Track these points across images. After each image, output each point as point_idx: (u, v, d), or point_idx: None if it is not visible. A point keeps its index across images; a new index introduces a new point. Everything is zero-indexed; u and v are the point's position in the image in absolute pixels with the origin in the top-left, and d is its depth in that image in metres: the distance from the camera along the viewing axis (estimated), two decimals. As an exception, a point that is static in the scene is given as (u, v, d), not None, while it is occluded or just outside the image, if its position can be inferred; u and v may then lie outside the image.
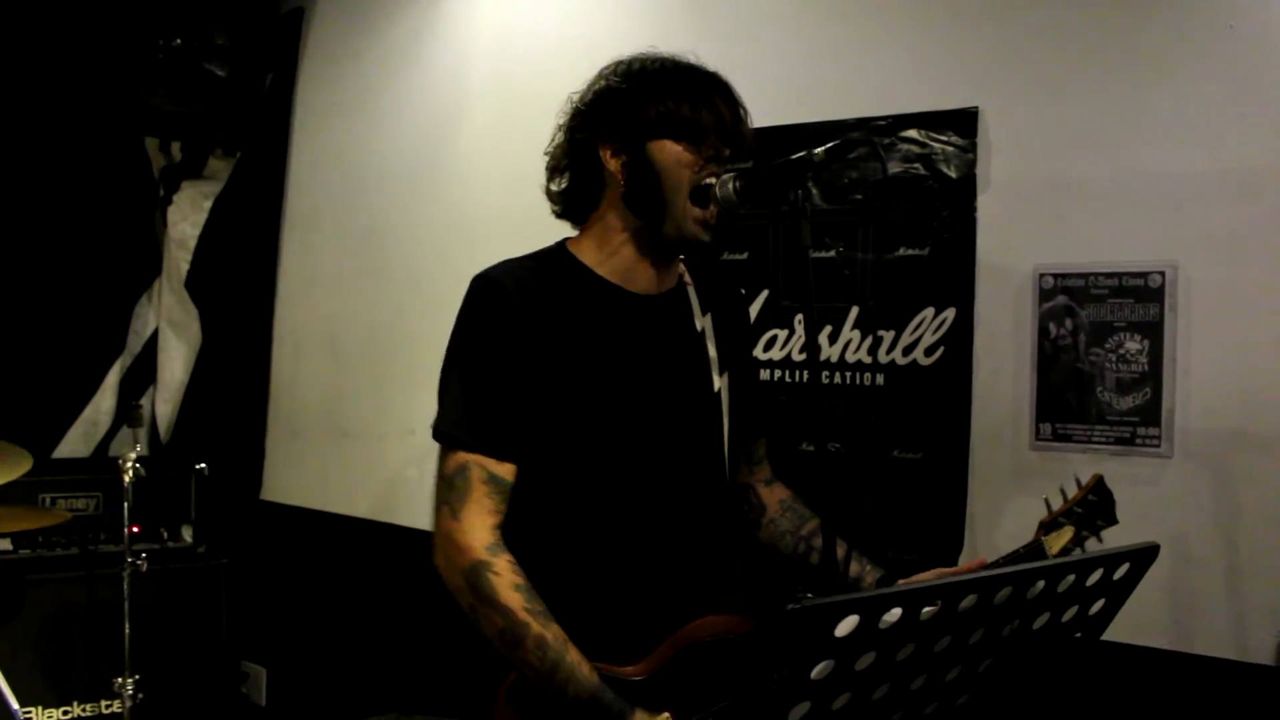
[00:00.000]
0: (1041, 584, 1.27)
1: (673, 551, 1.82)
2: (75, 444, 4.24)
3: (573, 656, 1.65)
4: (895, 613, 1.12)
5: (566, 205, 1.95)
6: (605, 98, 1.87)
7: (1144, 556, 1.37)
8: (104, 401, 4.32)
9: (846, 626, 1.09)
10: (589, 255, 1.87)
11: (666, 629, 1.76)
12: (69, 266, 4.20)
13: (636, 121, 1.80)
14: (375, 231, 3.99)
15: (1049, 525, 1.86)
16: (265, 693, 4.25)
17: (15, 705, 2.31)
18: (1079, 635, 1.43)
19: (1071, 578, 1.31)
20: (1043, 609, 1.32)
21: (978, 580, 1.19)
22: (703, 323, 1.93)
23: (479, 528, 1.70)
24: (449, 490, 1.73)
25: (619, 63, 1.90)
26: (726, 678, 1.71)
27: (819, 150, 1.78)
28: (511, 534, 1.74)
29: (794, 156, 1.78)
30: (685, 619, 1.77)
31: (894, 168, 2.69)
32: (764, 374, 2.87)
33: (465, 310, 1.81)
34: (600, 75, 1.91)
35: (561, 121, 1.95)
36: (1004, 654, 1.33)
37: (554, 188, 1.95)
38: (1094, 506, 1.87)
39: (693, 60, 1.88)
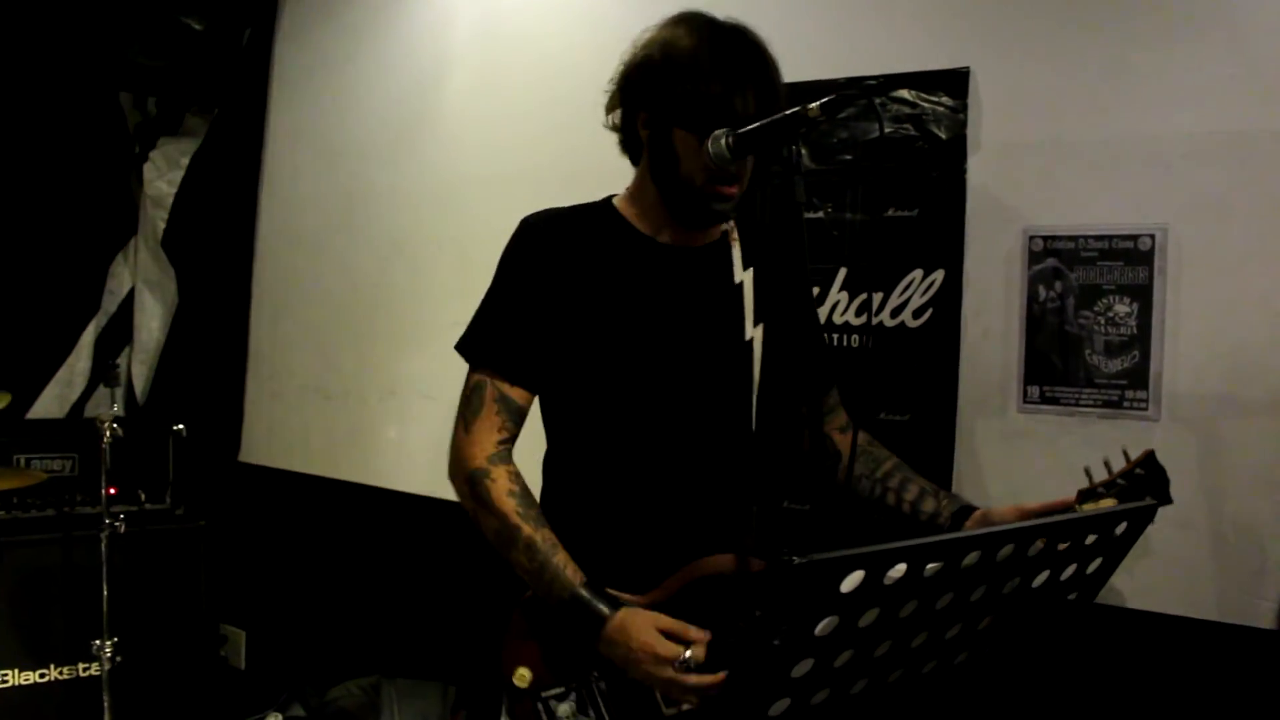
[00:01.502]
0: (1042, 542, 1.27)
1: (688, 489, 1.86)
2: (50, 405, 4.19)
3: (559, 559, 1.75)
4: (900, 568, 1.11)
5: (621, 146, 2.02)
6: (643, 69, 1.88)
7: (1142, 515, 1.37)
8: (79, 362, 4.27)
9: (851, 582, 1.08)
10: (627, 208, 1.95)
11: (679, 564, 1.81)
12: (42, 225, 4.14)
13: (665, 103, 1.82)
14: (356, 191, 3.93)
15: (1086, 494, 1.83)
16: (245, 656, 4.23)
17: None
18: (1074, 596, 1.43)
19: (1070, 538, 1.30)
20: (1042, 567, 1.31)
21: (980, 536, 1.18)
22: (743, 276, 1.96)
23: (484, 441, 1.83)
24: (465, 405, 1.87)
25: (666, 26, 1.89)
26: (730, 612, 1.75)
27: (814, 105, 1.76)
28: (550, 462, 1.94)
29: (788, 111, 1.76)
30: (697, 555, 1.82)
31: (884, 128, 2.67)
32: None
33: (506, 248, 1.92)
34: (647, 40, 1.90)
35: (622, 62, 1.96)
36: (1003, 612, 1.33)
37: (609, 124, 2.02)
38: (1142, 481, 1.83)
39: (740, 29, 1.88)
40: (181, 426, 3.61)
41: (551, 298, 1.85)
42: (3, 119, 4.02)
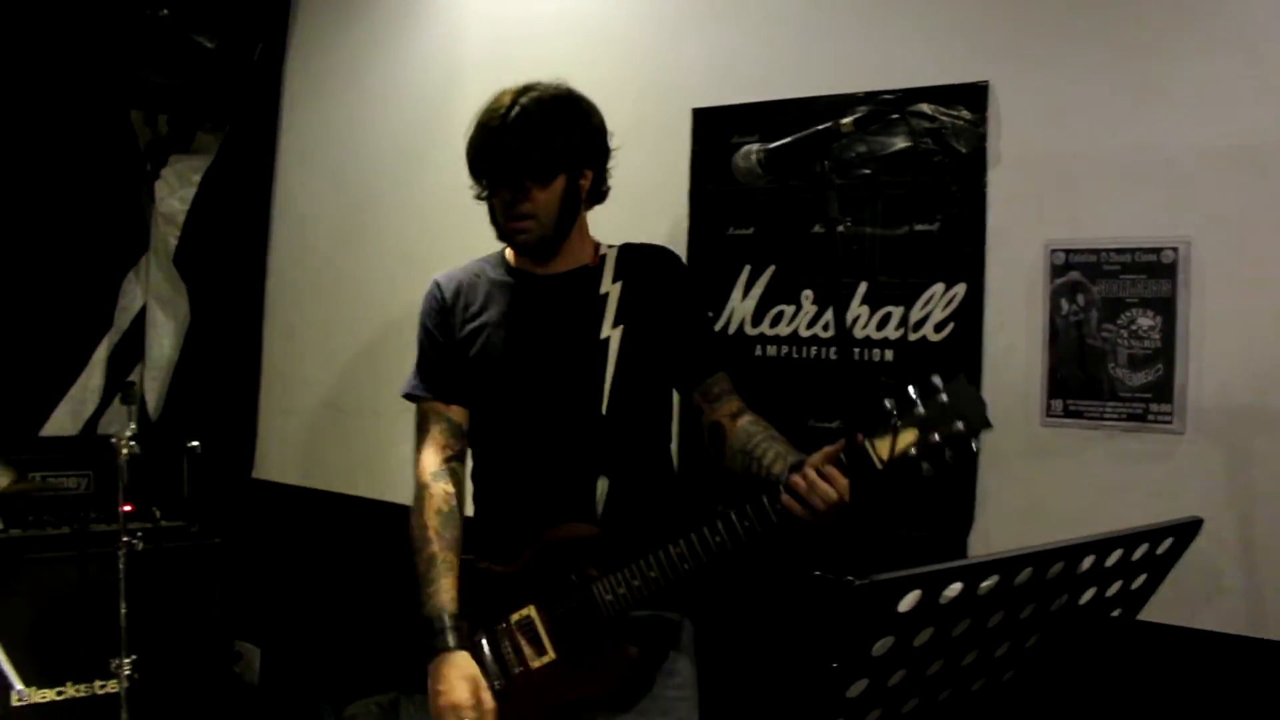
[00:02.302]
0: (1091, 559, 1.27)
1: (547, 469, 2.20)
2: (63, 422, 4.18)
3: (445, 583, 2.14)
4: (956, 587, 1.11)
5: None
6: None
7: (1187, 531, 1.37)
8: (92, 379, 4.26)
9: (909, 602, 1.08)
10: (511, 252, 2.37)
11: (531, 537, 2.15)
12: (54, 242, 4.14)
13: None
14: (367, 206, 3.94)
15: (878, 425, 1.88)
16: (259, 672, 4.22)
17: (19, 684, 2.28)
18: (1119, 612, 1.43)
19: (1120, 552, 1.30)
20: (1090, 584, 1.31)
21: (1034, 554, 1.18)
22: (609, 288, 2.28)
23: (429, 460, 2.28)
24: (417, 433, 2.33)
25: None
26: (571, 572, 2.10)
27: (846, 120, 1.78)
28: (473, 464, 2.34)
29: (821, 126, 1.77)
30: (546, 528, 2.15)
31: (902, 142, 2.67)
32: (770, 350, 2.86)
33: (422, 307, 2.40)
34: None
35: None
36: (1051, 629, 1.32)
37: None
38: (947, 409, 1.85)
39: (501, 119, 2.21)
40: (196, 443, 3.61)
41: (454, 332, 2.30)
42: (15, 137, 4.02)
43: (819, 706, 1.11)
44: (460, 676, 2.05)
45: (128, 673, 3.21)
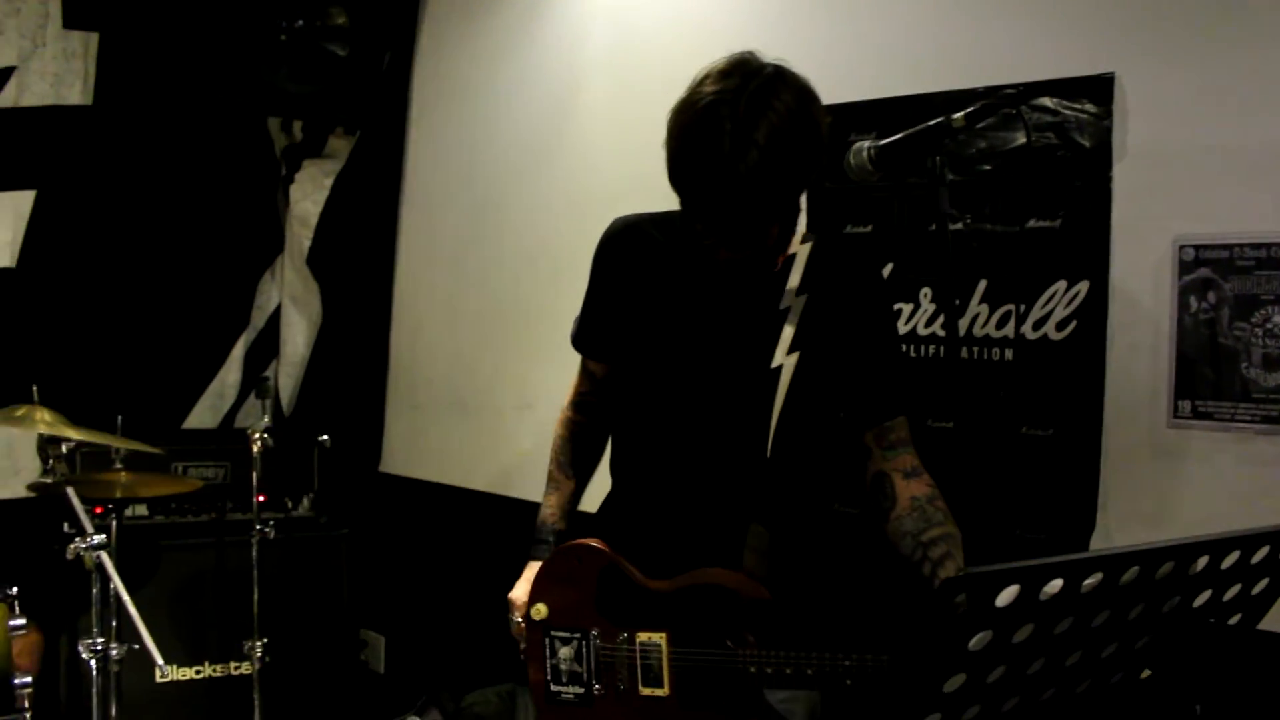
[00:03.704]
0: (1205, 559, 1.23)
1: (692, 499, 1.99)
2: (203, 416, 4.38)
3: (549, 499, 2.21)
4: (1056, 584, 1.09)
5: None
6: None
7: (1312, 534, 1.32)
8: (230, 375, 4.46)
9: (1007, 596, 1.06)
10: None
11: (684, 564, 1.94)
12: (196, 245, 4.34)
13: None
14: (493, 206, 4.02)
15: None
16: (384, 660, 4.35)
17: (160, 659, 2.40)
18: (1237, 619, 1.38)
19: (1236, 554, 1.26)
20: (1204, 586, 1.27)
21: (1140, 553, 1.15)
22: (791, 301, 1.97)
23: (573, 393, 2.26)
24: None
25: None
26: (722, 624, 1.89)
27: (958, 115, 1.75)
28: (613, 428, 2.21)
29: (932, 122, 1.75)
30: (701, 561, 1.93)
31: (1023, 137, 2.62)
32: (887, 349, 2.82)
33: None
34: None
35: None
36: (1162, 633, 1.29)
37: None
38: None
39: (718, 122, 1.72)
40: (326, 437, 3.74)
41: (615, 295, 2.07)
42: (160, 146, 4.22)
43: (914, 700, 1.10)
44: (524, 579, 2.13)
45: (260, 655, 3.34)
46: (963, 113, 1.74)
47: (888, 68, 2.89)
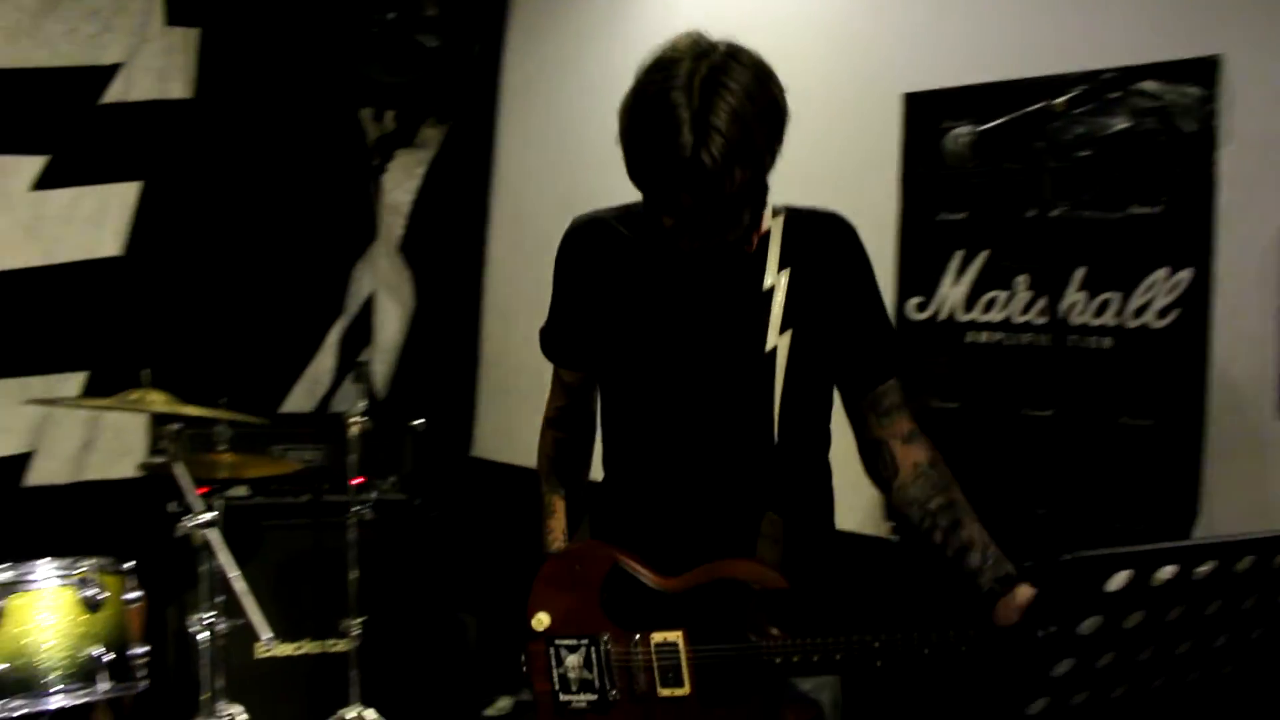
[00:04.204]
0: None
1: (701, 494, 1.92)
2: (300, 400, 4.49)
3: (550, 524, 2.12)
4: (1169, 570, 1.08)
5: None
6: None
7: None
8: (325, 360, 4.56)
9: (1118, 582, 1.06)
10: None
11: (695, 559, 1.88)
12: (292, 233, 4.43)
13: None
14: (583, 194, 4.02)
15: None
16: (475, 641, 4.42)
17: (269, 633, 2.49)
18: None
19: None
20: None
21: (1257, 541, 1.14)
22: (775, 279, 1.90)
23: (549, 409, 2.17)
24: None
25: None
26: (741, 617, 1.83)
27: (1059, 100, 1.73)
28: (602, 432, 2.10)
29: (1033, 107, 1.73)
30: (713, 555, 1.87)
31: (1123, 122, 2.57)
32: (982, 337, 2.81)
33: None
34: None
35: None
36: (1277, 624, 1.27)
37: None
38: None
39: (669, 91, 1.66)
40: (420, 421, 3.81)
41: (583, 296, 2.00)
42: (257, 137, 4.33)
43: (1022, 684, 1.11)
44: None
45: (357, 633, 3.42)
46: (1065, 97, 1.73)
47: (983, 52, 2.86)
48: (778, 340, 1.87)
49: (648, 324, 1.92)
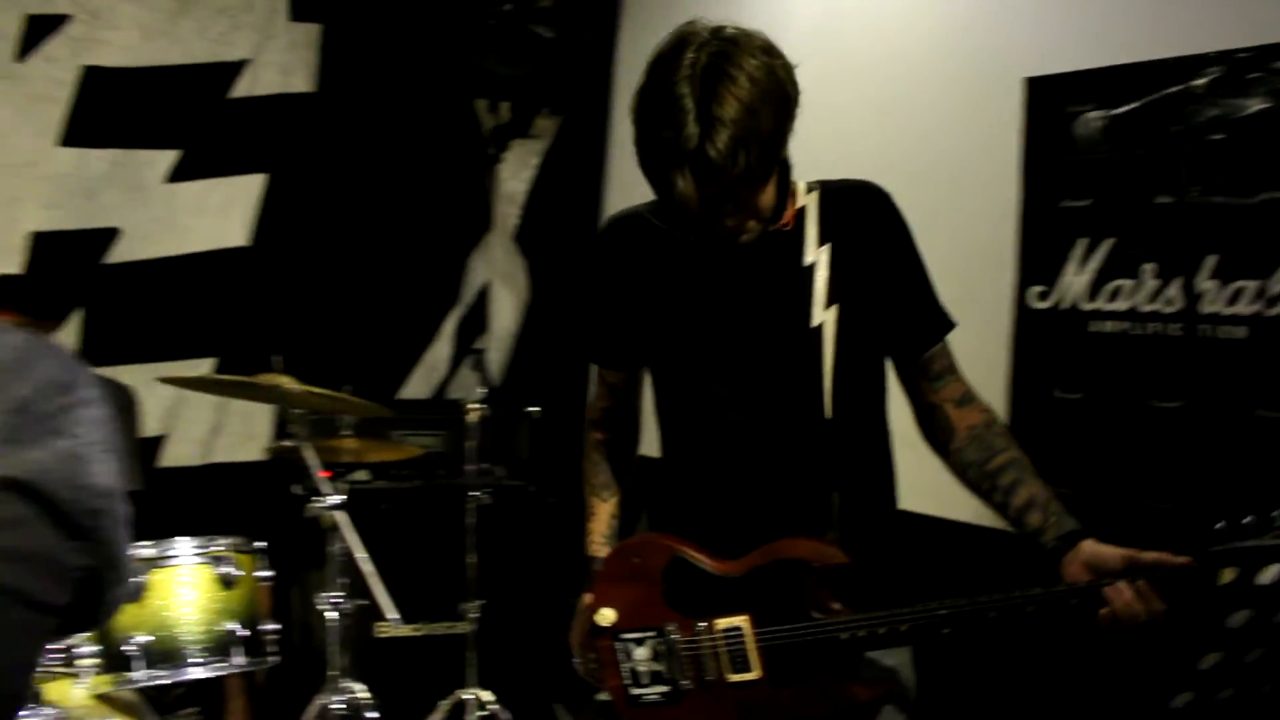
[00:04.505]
0: None
1: (758, 475, 1.90)
2: (417, 387, 4.59)
3: (590, 526, 2.14)
4: (1325, 565, 1.06)
5: None
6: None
7: None
8: (442, 349, 4.66)
9: (1270, 575, 1.04)
10: None
11: (754, 541, 1.86)
12: (409, 223, 4.54)
13: None
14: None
15: (1230, 533, 1.43)
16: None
17: (394, 613, 2.56)
18: None
19: None
20: None
21: None
22: (815, 255, 1.88)
23: (593, 410, 2.17)
24: None
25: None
26: (803, 596, 1.81)
27: (1199, 81, 1.68)
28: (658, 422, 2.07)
29: (1170, 90, 1.69)
30: (773, 536, 1.85)
31: (1260, 103, 2.48)
32: (1106, 326, 2.75)
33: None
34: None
35: None
36: None
37: None
38: None
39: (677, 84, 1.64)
40: (535, 409, 3.87)
41: (624, 292, 1.99)
42: (376, 129, 4.43)
43: (1167, 677, 1.09)
44: (582, 609, 2.02)
45: (475, 616, 3.50)
46: (1205, 79, 1.69)
47: (1106, 35, 2.79)
48: (823, 316, 1.86)
49: (692, 312, 1.92)
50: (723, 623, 1.84)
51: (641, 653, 1.89)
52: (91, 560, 1.01)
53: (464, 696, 3.51)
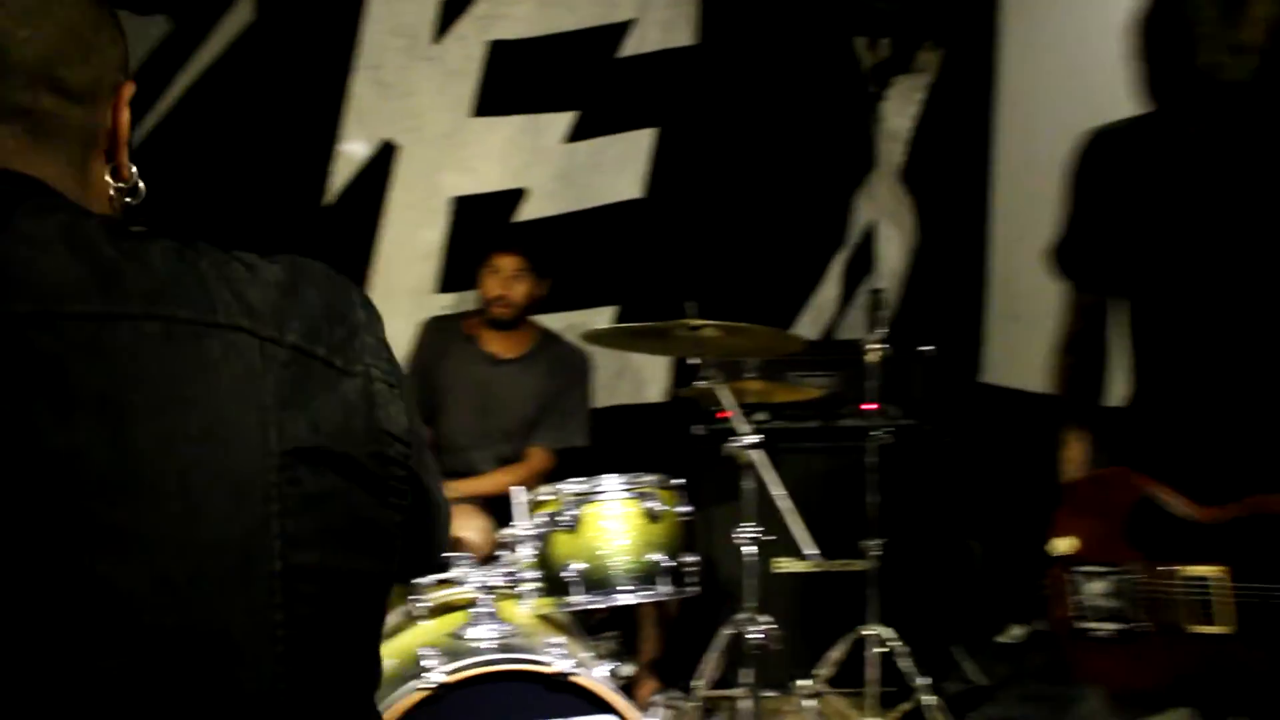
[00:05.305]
0: None
1: (1245, 416, 1.80)
2: (805, 328, 4.66)
3: (1065, 454, 2.07)
4: None
5: None
6: None
7: None
8: (829, 290, 4.69)
9: None
10: None
11: (1235, 490, 1.75)
12: (794, 165, 4.58)
13: None
14: (1097, 105, 3.82)
15: None
16: (981, 568, 4.40)
17: (812, 548, 2.62)
18: None
19: None
20: None
21: None
22: None
23: (1061, 335, 2.11)
24: None
25: None
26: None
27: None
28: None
29: None
30: (1259, 487, 1.73)
31: None
32: None
33: (1072, 164, 2.08)
34: None
35: None
36: None
37: None
38: None
39: None
40: (929, 348, 3.82)
41: (1105, 207, 1.93)
42: (758, 74, 4.49)
43: None
44: None
45: (875, 554, 3.53)
46: None
47: None
48: None
49: (1179, 232, 1.83)
50: (1192, 570, 1.77)
51: (1096, 587, 1.85)
52: (407, 516, 1.00)
53: (865, 633, 3.56)
